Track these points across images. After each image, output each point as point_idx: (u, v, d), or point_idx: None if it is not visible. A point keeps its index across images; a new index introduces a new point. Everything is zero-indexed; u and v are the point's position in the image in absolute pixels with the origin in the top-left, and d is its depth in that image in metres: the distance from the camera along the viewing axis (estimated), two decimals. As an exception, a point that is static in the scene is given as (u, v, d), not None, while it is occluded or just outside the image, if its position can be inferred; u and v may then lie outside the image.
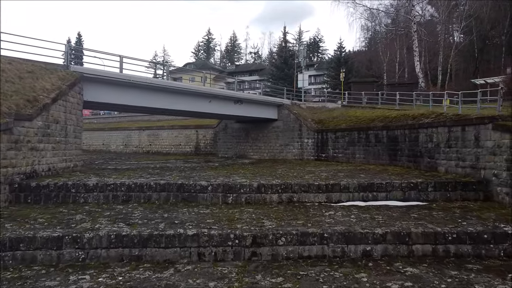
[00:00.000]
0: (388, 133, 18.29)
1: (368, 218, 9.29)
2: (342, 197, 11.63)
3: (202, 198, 11.41)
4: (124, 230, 7.89)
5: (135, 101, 17.96)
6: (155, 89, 18.53)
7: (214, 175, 14.32)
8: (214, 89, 21.25)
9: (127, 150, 36.50)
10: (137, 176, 13.34)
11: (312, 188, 11.65)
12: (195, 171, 16.21)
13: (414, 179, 12.10)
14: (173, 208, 10.43)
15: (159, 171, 15.57)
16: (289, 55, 47.45)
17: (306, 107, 26.86)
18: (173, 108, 19.71)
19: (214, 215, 9.68)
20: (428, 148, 14.89)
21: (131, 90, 17.70)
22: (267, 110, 25.14)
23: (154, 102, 18.63)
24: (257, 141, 27.18)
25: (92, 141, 40.95)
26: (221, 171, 16.31)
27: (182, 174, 14.52)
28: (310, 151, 23.91)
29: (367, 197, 11.61)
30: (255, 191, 11.56)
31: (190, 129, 31.33)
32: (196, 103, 20.60)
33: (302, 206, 10.92)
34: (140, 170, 16.13)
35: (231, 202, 11.37)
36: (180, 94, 19.76)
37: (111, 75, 16.51)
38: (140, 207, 10.45)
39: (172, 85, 18.78)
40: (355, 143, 20.81)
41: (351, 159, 20.95)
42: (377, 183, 11.70)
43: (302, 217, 9.50)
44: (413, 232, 8.03)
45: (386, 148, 18.40)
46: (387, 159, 18.26)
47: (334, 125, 23.12)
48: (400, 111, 20.55)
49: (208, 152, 30.10)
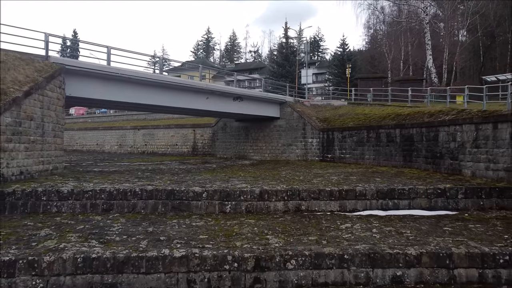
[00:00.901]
0: (401, 132, 16.71)
1: (393, 233, 7.73)
2: (358, 205, 10.06)
3: (195, 207, 9.83)
4: (96, 251, 6.32)
5: (125, 97, 16.39)
6: (147, 84, 16.96)
7: (211, 178, 12.75)
8: (211, 85, 19.70)
9: (122, 151, 34.90)
10: (122, 180, 11.76)
11: (323, 194, 10.08)
12: (190, 173, 14.64)
13: (441, 185, 10.53)
14: (160, 220, 8.86)
15: (149, 174, 13.99)
16: (290, 52, 45.85)
17: (310, 104, 25.29)
18: (168, 105, 18.14)
19: (209, 228, 8.11)
20: (450, 148, 13.32)
21: (121, 85, 16.13)
22: (269, 107, 23.57)
23: (147, 98, 17.06)
24: (258, 141, 25.61)
25: (85, 141, 39.37)
26: (218, 173, 14.74)
27: (175, 177, 12.94)
28: (315, 152, 22.34)
29: (386, 205, 10.04)
30: (257, 198, 10.00)
31: (187, 128, 29.75)
32: (193, 100, 19.04)
33: (312, 216, 9.35)
34: (128, 173, 14.55)
35: (229, 211, 9.80)
36: (175, 90, 18.19)
37: (97, 68, 14.93)
38: (122, 218, 8.87)
39: (165, 80, 17.22)
40: (364, 143, 19.23)
41: (360, 160, 19.38)
42: (399, 189, 10.12)
43: (313, 231, 7.94)
44: (454, 252, 6.48)
45: (399, 148, 16.82)
46: (400, 160, 16.69)
47: (341, 123, 21.55)
48: (413, 108, 19.00)
49: (206, 152, 28.52)
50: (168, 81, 17.25)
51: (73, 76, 14.45)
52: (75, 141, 40.66)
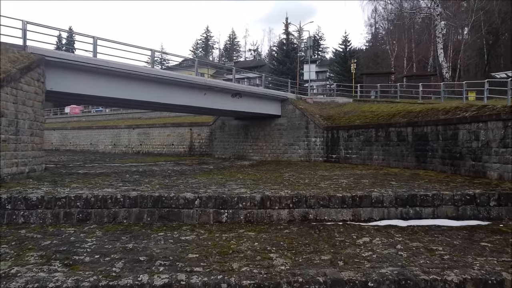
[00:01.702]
0: (414, 130, 15.39)
1: (422, 250, 6.41)
2: (374, 214, 8.74)
3: (186, 216, 8.51)
4: (55, 279, 4.99)
5: (115, 93, 15.06)
6: (139, 79, 15.64)
7: (206, 182, 11.42)
8: (209, 80, 18.37)
9: (116, 151, 33.55)
10: (105, 184, 10.43)
11: (334, 201, 8.76)
12: (184, 176, 13.31)
13: (468, 190, 9.20)
14: (144, 232, 7.53)
15: (138, 177, 12.65)
16: (291, 48, 44.49)
17: (313, 102, 23.97)
18: (161, 101, 16.81)
19: (201, 244, 6.79)
20: (472, 148, 12.00)
21: (110, 80, 14.81)
22: (269, 105, 22.25)
23: (139, 94, 15.74)
24: (258, 140, 24.28)
25: (79, 140, 38.01)
26: (215, 176, 13.41)
27: (166, 181, 11.60)
28: (318, 152, 21.02)
29: (407, 214, 8.72)
30: (258, 206, 8.67)
31: (184, 127, 28.41)
32: (189, 96, 17.71)
33: (322, 227, 8.02)
34: (115, 175, 13.21)
35: (226, 221, 8.48)
36: (170, 85, 16.86)
37: (81, 60, 13.59)
38: (99, 231, 7.54)
39: (159, 74, 15.88)
40: (372, 143, 17.92)
41: (368, 161, 18.07)
42: (421, 195, 8.80)
43: (326, 247, 6.62)
44: (506, 279, 5.16)
45: (411, 148, 15.50)
46: (413, 161, 15.37)
47: (347, 121, 20.23)
48: (425, 104, 17.69)
49: (203, 152, 27.19)
50: (161, 75, 15.91)
51: (56, 69, 13.14)
52: (68, 141, 39.30)
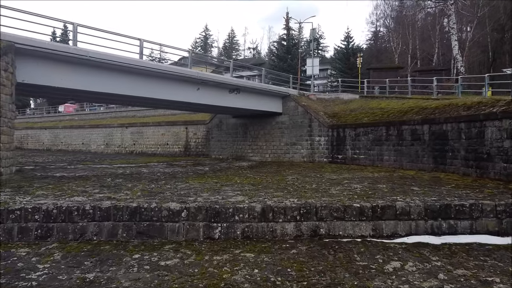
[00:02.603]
0: (431, 128, 13.87)
1: (474, 281, 4.88)
2: (399, 228, 7.20)
3: (171, 231, 6.96)
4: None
5: (96, 86, 13.51)
6: (125, 71, 14.11)
7: (198, 187, 9.88)
8: (203, 73, 16.82)
9: (109, 151, 31.98)
10: (79, 191, 8.87)
11: (350, 212, 7.22)
12: (174, 179, 11.76)
13: None
14: (116, 254, 6.00)
15: (121, 181, 11.09)
16: (292, 44, 42.91)
17: (317, 98, 22.44)
18: (150, 96, 15.26)
19: (185, 272, 5.26)
20: (504, 148, 10.47)
21: (91, 72, 13.27)
22: (270, 101, 20.71)
23: (124, 88, 14.20)
24: (257, 139, 22.74)
25: (71, 140, 36.41)
26: (209, 180, 11.87)
27: (151, 186, 10.05)
28: (323, 152, 19.49)
29: (439, 228, 7.19)
30: (258, 219, 7.14)
31: (179, 125, 26.86)
32: (181, 91, 16.17)
33: (337, 246, 6.49)
34: (96, 179, 11.65)
35: (218, 237, 6.94)
36: (159, 78, 15.32)
37: (58, 48, 12.05)
38: (59, 252, 6.01)
39: (147, 66, 14.31)
40: (383, 142, 16.39)
41: (377, 162, 16.54)
42: (456, 205, 7.26)
43: (346, 276, 5.10)
44: None
45: (428, 147, 13.98)
46: (430, 163, 13.85)
47: (354, 119, 18.71)
48: (440, 100, 16.17)
49: (199, 152, 25.63)
50: (149, 67, 14.36)
51: (29, 58, 11.62)
52: (59, 141, 37.73)
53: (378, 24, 55.91)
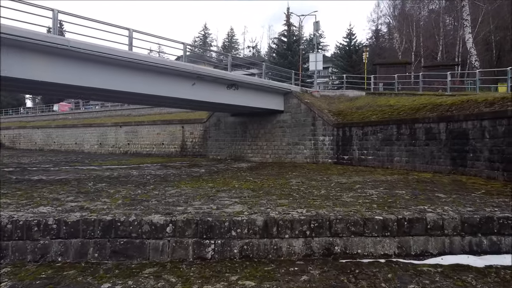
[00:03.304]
0: (449, 127, 12.63)
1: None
2: (430, 246, 5.96)
3: (153, 250, 5.72)
4: None
5: (81, 80, 12.24)
6: (112, 64, 12.85)
7: (190, 193, 8.63)
8: (198, 67, 15.56)
9: (102, 151, 30.70)
10: (50, 198, 7.62)
11: (372, 227, 5.97)
12: (164, 184, 10.50)
13: None
14: (81, 281, 4.75)
15: (104, 185, 9.83)
16: (293, 40, 41.66)
17: (320, 95, 21.19)
18: (140, 91, 14.00)
19: (164, 312, 4.00)
20: (538, 148, 9.23)
21: (74, 64, 12.01)
22: (271, 98, 19.47)
23: (111, 82, 12.94)
24: (257, 139, 21.49)
25: (63, 140, 35.12)
26: (204, 184, 10.62)
27: (137, 191, 8.78)
28: (327, 152, 18.24)
29: (479, 246, 5.94)
30: (260, 234, 5.90)
31: (175, 124, 25.60)
32: (174, 87, 14.91)
33: (357, 270, 5.24)
34: (75, 183, 10.39)
35: (211, 258, 5.70)
36: (150, 72, 14.06)
37: (35, 37, 10.75)
38: (9, 281, 4.75)
39: (135, 58, 13.02)
40: (393, 141, 15.15)
41: (387, 163, 15.30)
42: (500, 217, 6.01)
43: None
44: None
45: (445, 148, 12.75)
46: (447, 164, 12.61)
47: (360, 117, 17.46)
48: (456, 96, 14.93)
49: (196, 153, 24.37)
50: (138, 59, 13.07)
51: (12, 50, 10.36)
52: (52, 140, 36.43)
53: (380, 22, 54.85)
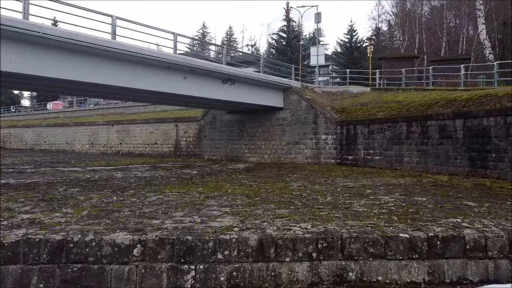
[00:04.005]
0: (467, 124, 11.38)
1: None
2: (469, 271, 4.71)
3: (116, 279, 4.46)
4: None
5: (55, 72, 10.89)
6: (94, 54, 11.53)
7: (174, 200, 7.35)
8: (190, 58, 14.26)
9: (94, 150, 29.39)
10: (3, 208, 6.32)
11: (395, 247, 4.71)
12: (147, 188, 9.23)
13: None
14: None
15: (76, 191, 8.55)
16: (292, 36, 40.35)
17: (322, 92, 19.92)
18: (126, 85, 12.68)
19: None
20: None
21: (49, 53, 10.69)
22: (270, 95, 18.20)
23: (90, 74, 11.59)
24: (255, 138, 20.22)
25: (54, 139, 33.80)
26: (192, 188, 9.34)
27: (111, 199, 7.50)
28: (330, 152, 16.98)
29: (533, 272, 4.67)
30: (254, 257, 4.65)
31: (168, 123, 24.31)
32: (164, 81, 13.62)
33: (380, 308, 3.96)
34: (44, 187, 9.11)
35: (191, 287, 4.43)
36: (137, 64, 12.76)
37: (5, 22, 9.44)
38: None
39: (117, 47, 11.64)
40: (403, 140, 13.90)
41: (396, 164, 14.05)
42: (559, 236, 4.75)
43: None
44: None
45: (463, 147, 11.50)
46: (465, 165, 11.36)
47: (366, 114, 16.22)
48: (473, 91, 13.68)
49: (191, 152, 23.08)
50: (121, 49, 11.73)
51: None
52: (43, 140, 35.10)
53: (380, 20, 53.63)
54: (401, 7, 48.97)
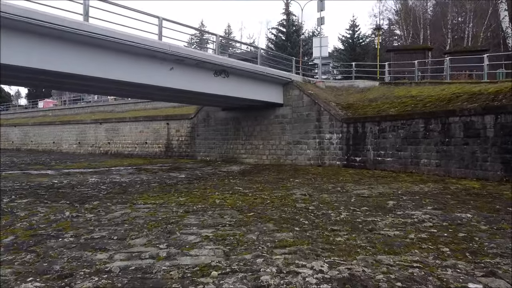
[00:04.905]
0: (499, 120, 9.70)
1: None
2: None
3: None
4: None
5: (17, 59, 9.18)
6: (64, 38, 9.80)
7: (142, 217, 5.64)
8: (177, 46, 12.53)
9: (81, 150, 27.61)
10: None
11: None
12: (116, 199, 7.50)
13: None
14: None
15: (25, 202, 6.83)
16: (292, 31, 38.61)
17: (326, 86, 18.20)
18: (103, 76, 10.96)
19: None
20: None
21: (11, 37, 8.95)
22: (268, 89, 16.48)
23: (56, 62, 9.85)
24: (252, 137, 18.49)
25: (41, 138, 32.00)
26: (173, 197, 7.63)
27: (61, 215, 5.78)
28: (335, 153, 15.27)
29: None
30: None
31: (159, 121, 22.59)
32: (147, 71, 11.88)
33: None
34: None
35: None
36: (117, 52, 11.05)
37: None
38: None
39: (89, 31, 9.93)
40: (419, 140, 12.21)
41: (411, 167, 12.35)
42: None
43: None
44: None
45: (494, 147, 9.81)
46: (497, 169, 9.68)
47: (375, 110, 14.52)
48: (498, 84, 12.00)
49: (183, 153, 21.35)
50: (95, 33, 10.00)
51: None
52: (29, 139, 33.30)
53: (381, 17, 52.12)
54: (404, 3, 47.56)
